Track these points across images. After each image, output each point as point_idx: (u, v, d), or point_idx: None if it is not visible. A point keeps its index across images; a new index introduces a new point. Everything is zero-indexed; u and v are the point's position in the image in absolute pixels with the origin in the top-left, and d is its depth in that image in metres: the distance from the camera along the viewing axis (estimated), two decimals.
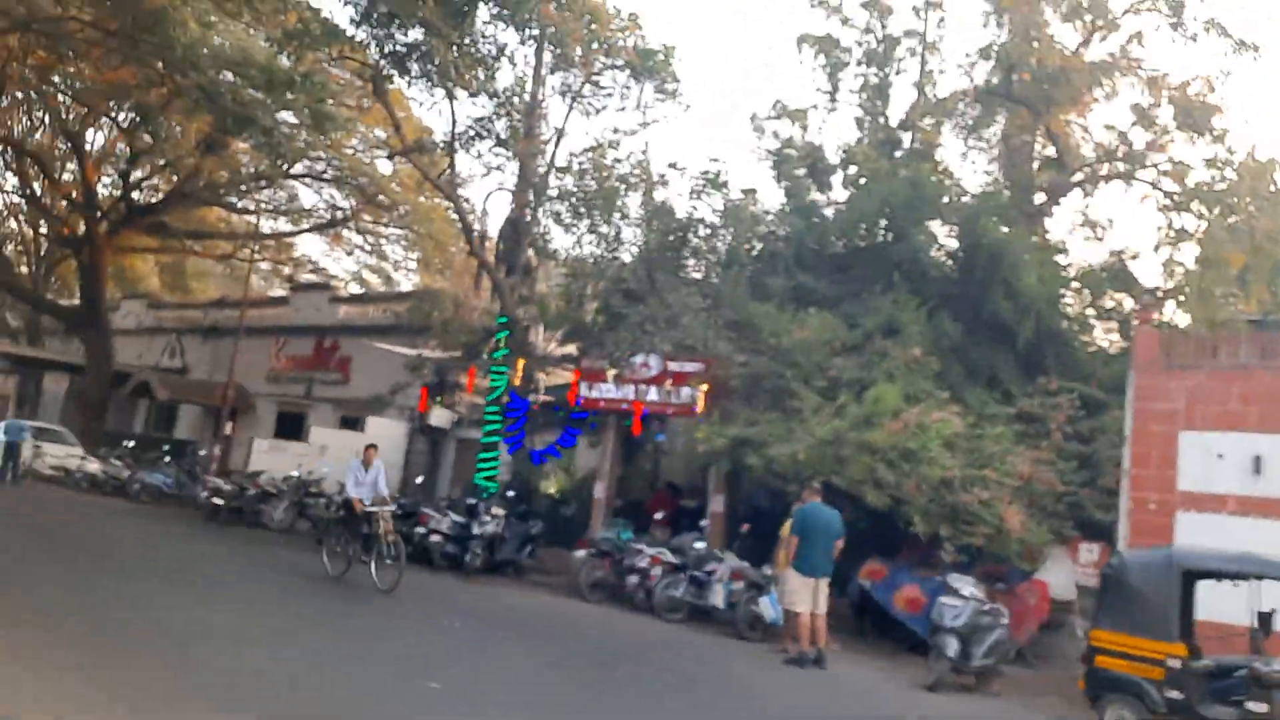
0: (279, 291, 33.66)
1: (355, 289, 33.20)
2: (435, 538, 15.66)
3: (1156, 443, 12.62)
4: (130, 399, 31.67)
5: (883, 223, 15.97)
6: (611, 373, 15.67)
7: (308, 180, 27.46)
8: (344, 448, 23.38)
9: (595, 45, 17.73)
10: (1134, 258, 16.82)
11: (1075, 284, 16.96)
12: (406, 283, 32.63)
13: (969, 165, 19.78)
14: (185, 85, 17.68)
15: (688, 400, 15.46)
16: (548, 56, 18.38)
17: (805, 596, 10.48)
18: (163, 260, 39.90)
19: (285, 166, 24.24)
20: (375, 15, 16.60)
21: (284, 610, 10.69)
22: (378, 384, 23.88)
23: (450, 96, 17.28)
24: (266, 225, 33.57)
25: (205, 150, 23.80)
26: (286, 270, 36.43)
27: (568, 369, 17.88)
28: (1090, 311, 17.15)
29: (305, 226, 33.02)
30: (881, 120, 18.67)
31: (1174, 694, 8.42)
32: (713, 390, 15.44)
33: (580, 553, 14.32)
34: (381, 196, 24.92)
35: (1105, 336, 17.09)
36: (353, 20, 16.78)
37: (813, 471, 12.68)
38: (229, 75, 16.91)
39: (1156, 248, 16.43)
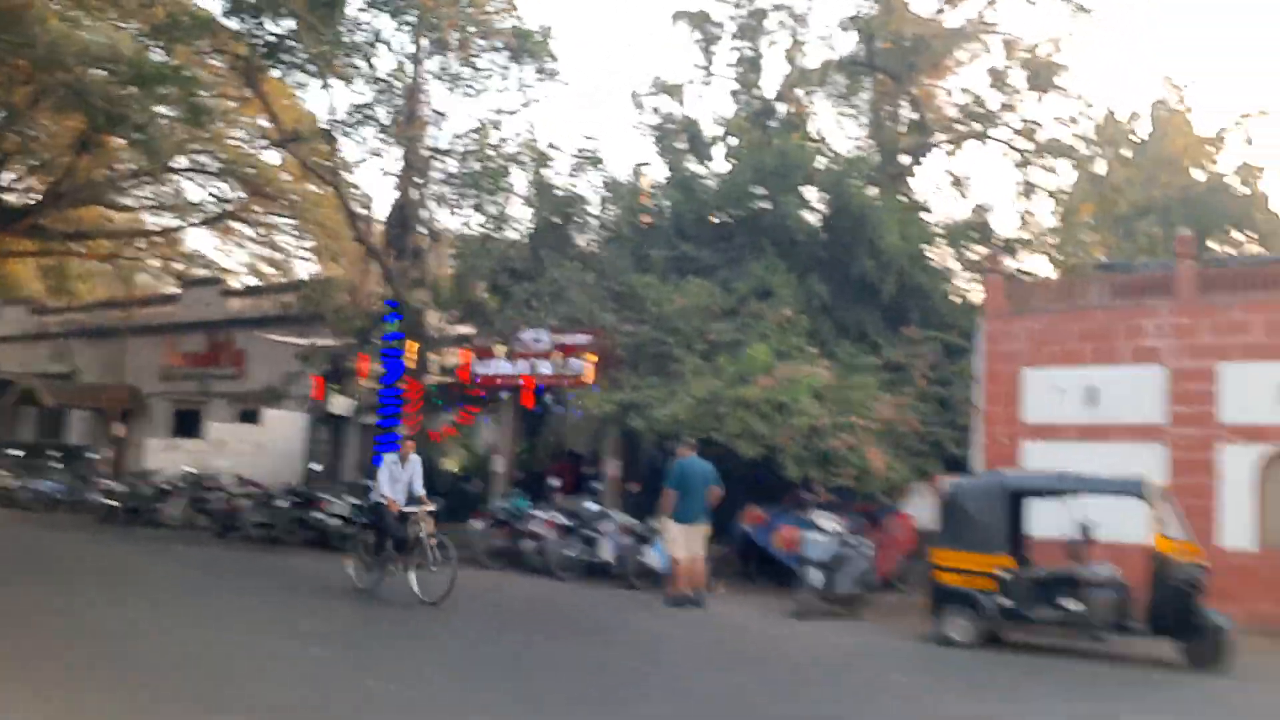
0: (169, 289, 32.85)
1: (252, 281, 32.70)
2: (334, 521, 15.92)
3: (1004, 381, 13.71)
4: (14, 407, 30.70)
5: (758, 191, 16.68)
6: (502, 349, 16.06)
7: (191, 174, 26.88)
8: (242, 441, 23.36)
9: (471, 29, 17.94)
10: (989, 211, 17.90)
11: (940, 239, 18.03)
12: (302, 272, 32.37)
13: (841, 132, 20.48)
14: (51, 83, 17.31)
15: (577, 371, 15.98)
16: (425, 41, 18.52)
17: (683, 543, 11.18)
18: (44, 263, 38.46)
19: (165, 162, 23.74)
20: (245, 5, 16.51)
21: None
22: (274, 376, 23.81)
23: (325, 85, 17.33)
24: (153, 222, 32.83)
25: (80, 149, 23.15)
26: (178, 266, 35.59)
27: (463, 349, 18.17)
28: (955, 264, 18.27)
29: (192, 221, 32.35)
30: (756, 92, 19.42)
31: (1005, 601, 9.41)
32: (602, 360, 16.00)
33: (476, 523, 14.75)
34: (268, 188, 24.60)
35: (968, 287, 18.24)
36: (224, 12, 16.64)
37: (693, 429, 13.40)
38: (98, 71, 16.64)
39: (1015, 199, 17.61)
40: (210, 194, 29.12)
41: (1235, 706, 8.04)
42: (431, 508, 11.19)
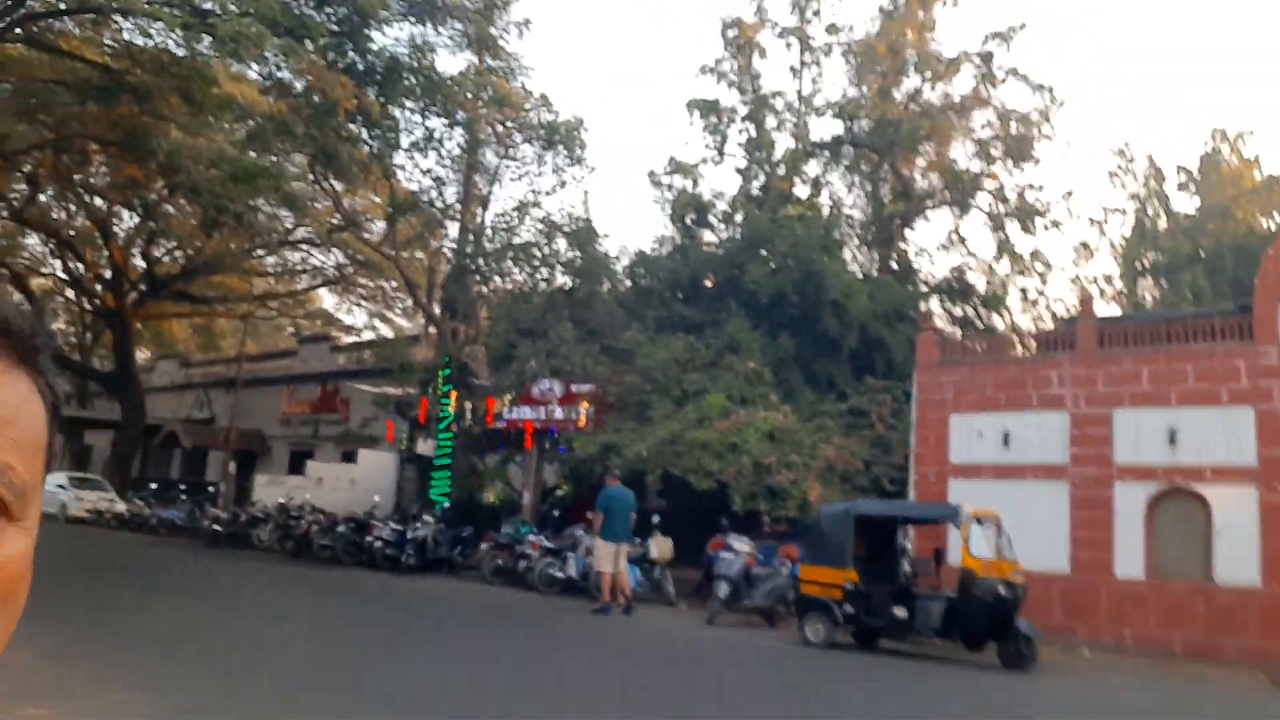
0: (289, 345, 37.53)
1: (369, 336, 37.05)
2: (378, 543, 18.84)
3: (934, 426, 15.27)
4: (162, 448, 35.77)
5: (739, 258, 18.87)
6: (507, 397, 18.72)
7: (304, 246, 31.27)
8: (338, 478, 26.90)
9: (506, 125, 21.04)
10: (967, 271, 19.43)
11: (923, 296, 19.65)
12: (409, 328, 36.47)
13: (844, 200, 22.40)
14: (173, 182, 21.49)
15: (578, 416, 18.44)
16: (470, 135, 21.77)
17: (609, 559, 13.35)
18: (195, 323, 44.38)
19: (277, 238, 28.05)
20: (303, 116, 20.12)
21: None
22: (378, 422, 27.32)
23: (388, 176, 20.73)
24: (278, 286, 37.80)
25: (208, 230, 27.70)
26: (304, 324, 40.52)
27: (489, 397, 20.95)
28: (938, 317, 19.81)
29: (310, 286, 37.11)
30: (762, 169, 21.68)
31: (849, 609, 11.17)
32: (599, 406, 18.42)
33: (484, 546, 17.32)
34: (361, 257, 28.48)
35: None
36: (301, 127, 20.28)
37: (655, 465, 15.63)
38: (209, 171, 20.63)
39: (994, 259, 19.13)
40: (321, 262, 33.64)
41: (998, 688, 9.55)
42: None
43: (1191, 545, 12.80)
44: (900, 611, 10.87)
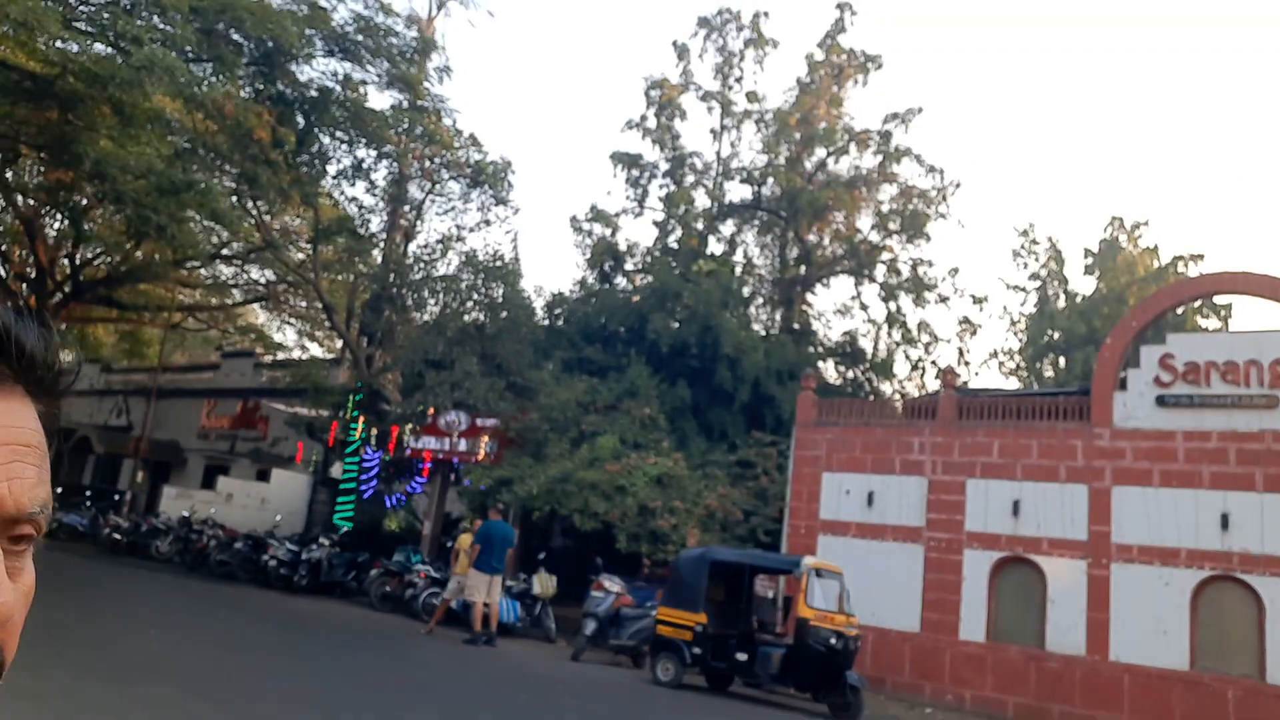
0: (213, 359, 37.41)
1: (299, 355, 37.08)
2: (272, 562, 19.06)
3: (808, 481, 16.12)
4: (75, 453, 35.31)
5: (642, 310, 19.69)
6: (408, 427, 19.20)
7: (235, 261, 31.39)
8: (248, 495, 26.95)
9: (434, 161, 21.70)
10: (860, 337, 20.48)
11: (819, 358, 20.63)
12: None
13: (746, 260, 23.43)
14: (99, 190, 21.73)
15: (480, 449, 18.96)
16: (397, 168, 22.38)
17: (483, 590, 13.85)
18: (121, 328, 43.94)
19: (208, 251, 28.21)
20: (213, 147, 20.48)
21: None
22: (290, 442, 27.43)
23: (308, 202, 21.23)
24: (215, 299, 37.74)
25: (133, 239, 27.78)
26: (236, 338, 40.41)
27: (394, 425, 21.37)
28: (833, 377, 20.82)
29: (243, 300, 37.13)
30: (678, 224, 22.62)
31: (696, 650, 11.84)
32: (501, 441, 18.98)
33: (373, 572, 17.67)
34: (290, 276, 28.73)
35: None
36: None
37: (544, 502, 16.21)
38: (135, 181, 20.89)
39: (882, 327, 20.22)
40: (253, 279, 33.75)
41: None
42: None
43: (1028, 612, 13.74)
44: (742, 655, 11.57)
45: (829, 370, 20.86)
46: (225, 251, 31.05)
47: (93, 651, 9.36)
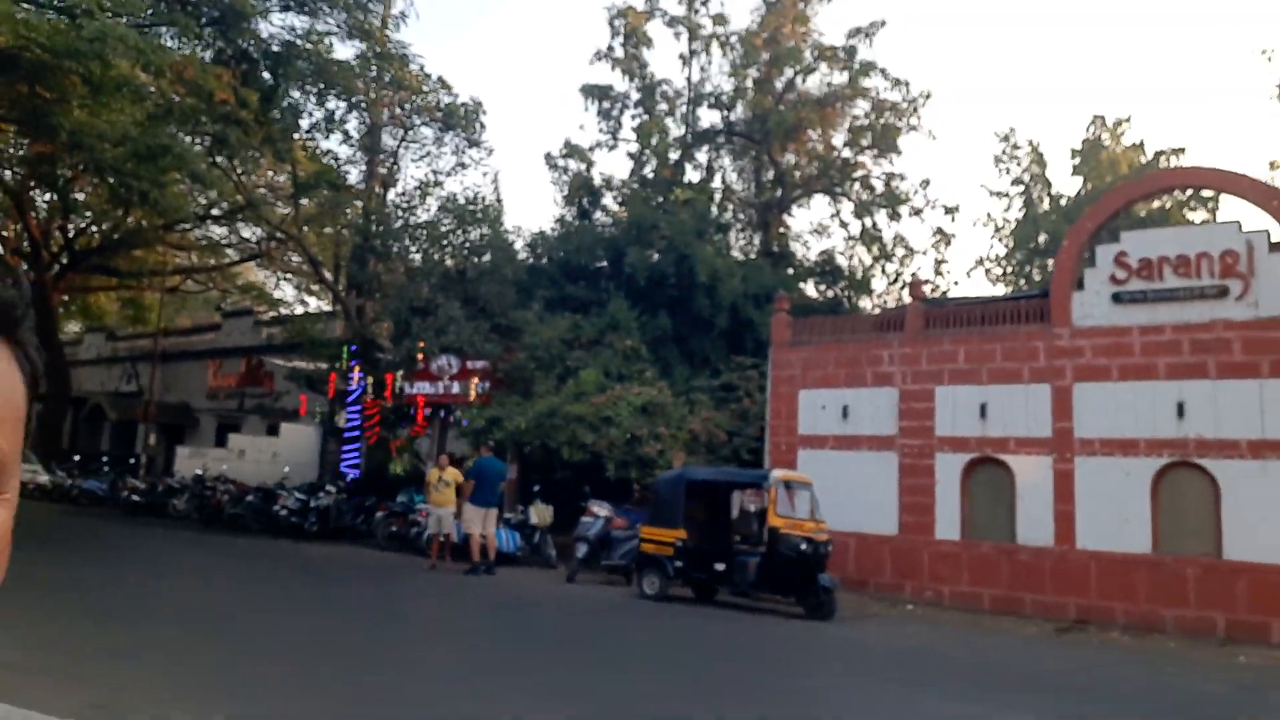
0: (215, 319, 37.97)
1: (299, 310, 37.59)
2: (283, 512, 19.85)
3: (786, 400, 16.63)
4: (90, 421, 36.21)
5: (625, 242, 19.99)
6: (399, 373, 19.74)
7: (222, 221, 31.70)
8: (260, 451, 27.71)
9: (404, 108, 21.81)
10: (831, 258, 20.77)
11: (798, 280, 20.96)
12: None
13: (725, 186, 23.56)
14: (78, 160, 22.00)
15: (471, 391, 19.52)
16: (369, 118, 22.49)
17: (478, 523, 14.54)
18: (124, 295, 44.50)
19: (196, 213, 28.54)
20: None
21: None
22: (294, 396, 28.07)
23: (282, 159, 21.44)
24: (212, 259, 38.13)
25: (117, 207, 28.07)
26: (236, 297, 40.93)
27: (388, 373, 21.90)
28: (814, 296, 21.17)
29: (238, 259, 37.50)
30: (654, 154, 22.74)
31: (678, 563, 12.50)
32: (493, 381, 19.52)
33: (379, 514, 18.42)
34: (278, 233, 29.06)
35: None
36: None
37: (534, 437, 16.79)
38: (113, 150, 21.14)
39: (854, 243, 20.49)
40: (243, 236, 34.09)
41: (778, 633, 10.94)
42: None
43: (999, 509, 14.33)
44: (720, 566, 12.23)
45: (810, 290, 21.20)
46: (215, 212, 31.43)
47: (112, 601, 10.09)
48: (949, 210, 21.39)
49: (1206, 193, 26.86)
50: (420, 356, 19.96)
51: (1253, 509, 12.19)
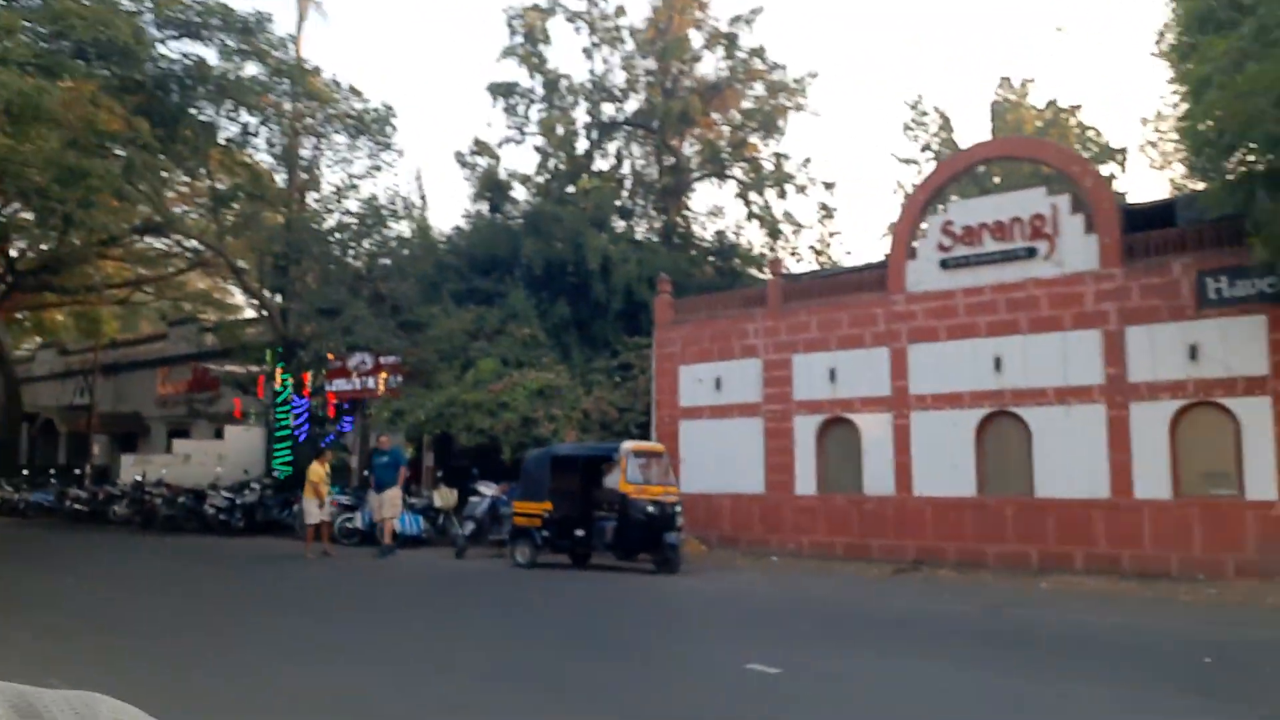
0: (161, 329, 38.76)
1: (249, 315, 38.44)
2: (211, 510, 20.91)
3: (668, 375, 17.80)
4: (43, 435, 37.04)
5: (524, 235, 21.06)
6: (310, 373, 20.78)
7: (148, 235, 32.45)
8: (205, 454, 28.68)
9: (314, 118, 22.73)
10: (723, 237, 21.88)
11: (702, 260, 22.08)
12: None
13: (636, 173, 24.60)
14: (4, 185, 22.86)
15: (381, 385, 20.59)
16: (282, 127, 23.41)
17: (377, 508, 15.63)
18: (76, 310, 45.22)
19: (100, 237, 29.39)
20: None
21: None
22: (218, 400, 29.05)
23: (193, 177, 22.33)
24: (147, 271, 38.88)
25: (43, 231, 28.82)
26: (187, 306, 41.70)
27: (304, 373, 22.87)
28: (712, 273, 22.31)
29: (181, 269, 38.29)
30: (559, 148, 23.76)
31: (545, 533, 13.67)
32: (404, 376, 20.58)
33: (295, 506, 19.49)
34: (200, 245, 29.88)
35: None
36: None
37: (434, 426, 17.90)
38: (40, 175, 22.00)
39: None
40: (184, 246, 34.86)
41: (630, 586, 12.13)
42: None
43: (849, 464, 15.56)
44: (580, 532, 13.42)
45: (708, 270, 22.31)
46: (140, 226, 32.20)
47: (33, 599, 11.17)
48: (828, 186, 22.53)
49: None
50: (330, 355, 21.00)
51: (1059, 451, 13.46)
